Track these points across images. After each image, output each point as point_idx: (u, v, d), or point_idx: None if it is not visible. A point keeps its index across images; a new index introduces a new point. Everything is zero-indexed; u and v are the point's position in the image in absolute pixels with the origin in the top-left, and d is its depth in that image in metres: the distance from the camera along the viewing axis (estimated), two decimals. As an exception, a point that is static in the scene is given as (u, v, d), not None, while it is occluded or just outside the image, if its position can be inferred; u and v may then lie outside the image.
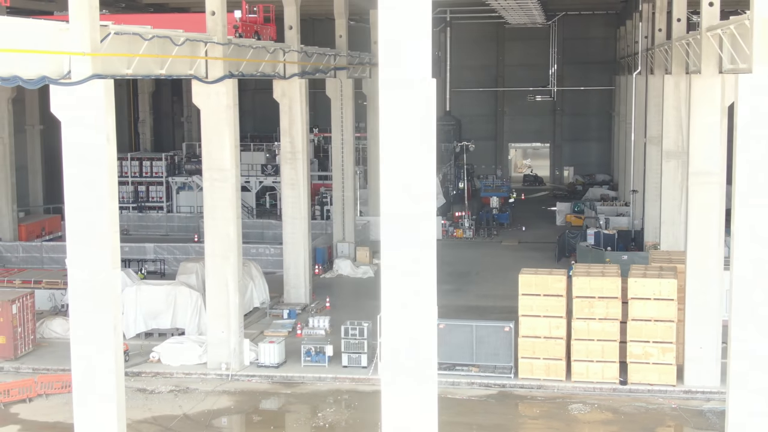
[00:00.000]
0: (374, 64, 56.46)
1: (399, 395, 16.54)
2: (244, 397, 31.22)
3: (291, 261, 41.89)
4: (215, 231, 32.71)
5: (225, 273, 32.75)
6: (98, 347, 23.65)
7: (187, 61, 30.10)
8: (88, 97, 23.05)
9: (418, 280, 16.36)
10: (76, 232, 23.48)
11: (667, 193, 39.06)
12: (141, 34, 25.98)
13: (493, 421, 29.20)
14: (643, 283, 30.56)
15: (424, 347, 16.56)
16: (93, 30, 23.17)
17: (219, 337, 32.93)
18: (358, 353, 33.14)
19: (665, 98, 38.43)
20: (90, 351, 23.70)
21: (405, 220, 16.23)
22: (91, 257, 23.52)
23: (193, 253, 48.96)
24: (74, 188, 23.40)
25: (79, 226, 23.45)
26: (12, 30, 21.13)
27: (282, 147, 41.80)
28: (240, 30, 35.55)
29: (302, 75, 40.99)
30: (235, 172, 32.65)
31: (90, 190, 23.34)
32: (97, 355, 23.68)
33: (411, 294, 16.43)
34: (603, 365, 30.98)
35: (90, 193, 23.35)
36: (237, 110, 32.79)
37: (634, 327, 30.74)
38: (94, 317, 23.59)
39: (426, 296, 16.46)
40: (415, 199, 16.24)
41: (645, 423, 28.75)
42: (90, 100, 23.13)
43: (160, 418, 29.24)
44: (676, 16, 38.40)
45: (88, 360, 23.74)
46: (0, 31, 20.65)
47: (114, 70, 24.62)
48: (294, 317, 39.32)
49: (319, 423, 28.88)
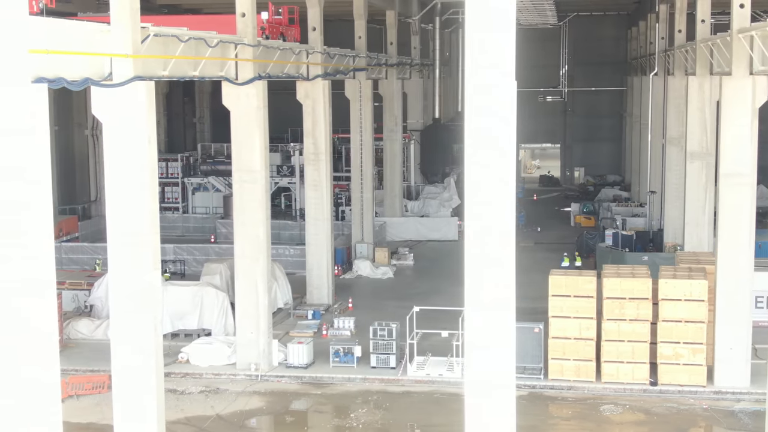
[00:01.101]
0: (390, 65, 56.59)
1: (482, 396, 16.55)
2: (275, 397, 31.29)
3: (314, 262, 41.96)
4: (245, 232, 32.76)
5: (254, 274, 32.81)
6: (139, 347, 23.76)
7: (218, 63, 30.18)
8: (129, 98, 23.16)
9: (502, 276, 16.24)
10: (117, 233, 23.56)
11: (691, 194, 39.14)
12: (178, 35, 26.09)
13: (527, 422, 29.19)
14: (674, 284, 30.63)
15: (505, 347, 16.52)
16: (134, 32, 23.27)
17: (248, 337, 32.99)
18: (386, 354, 33.19)
19: (689, 99, 38.50)
20: (130, 351, 23.80)
21: (490, 219, 16.08)
22: (133, 258, 23.63)
23: (213, 254, 49.03)
24: (116, 189, 23.49)
25: (120, 227, 23.54)
26: (58, 32, 21.17)
27: (305, 148, 41.86)
28: (267, 32, 35.61)
29: (325, 76, 41.07)
30: (265, 173, 32.72)
31: (131, 191, 23.44)
32: (138, 356, 23.78)
33: (494, 294, 16.32)
34: (633, 366, 31.04)
35: (131, 194, 23.45)
36: (266, 112, 32.85)
37: (664, 328, 30.80)
38: (135, 318, 23.69)
39: (509, 296, 16.39)
40: (501, 194, 16.12)
41: (678, 424, 28.84)
42: (131, 101, 23.25)
43: (193, 419, 29.32)
44: (701, 17, 38.47)
45: (128, 360, 23.84)
46: (47, 33, 20.72)
47: (152, 72, 24.71)
48: (318, 318, 39.38)
49: (352, 424, 28.93)
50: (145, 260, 23.67)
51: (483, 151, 15.64)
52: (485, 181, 15.67)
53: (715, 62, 35.63)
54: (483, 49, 15.14)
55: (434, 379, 32.23)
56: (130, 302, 23.62)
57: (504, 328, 16.31)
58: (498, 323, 16.28)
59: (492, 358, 16.33)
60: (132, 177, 23.40)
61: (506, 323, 16.35)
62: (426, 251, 54.96)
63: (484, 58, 15.22)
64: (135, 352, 23.72)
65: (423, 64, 67.01)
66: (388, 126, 58.12)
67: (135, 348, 23.73)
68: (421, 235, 57.93)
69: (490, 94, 15.56)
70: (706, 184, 38.86)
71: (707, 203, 39.04)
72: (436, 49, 67.86)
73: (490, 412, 16.52)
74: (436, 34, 67.43)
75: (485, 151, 15.67)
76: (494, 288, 16.10)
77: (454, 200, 62.14)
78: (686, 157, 39.58)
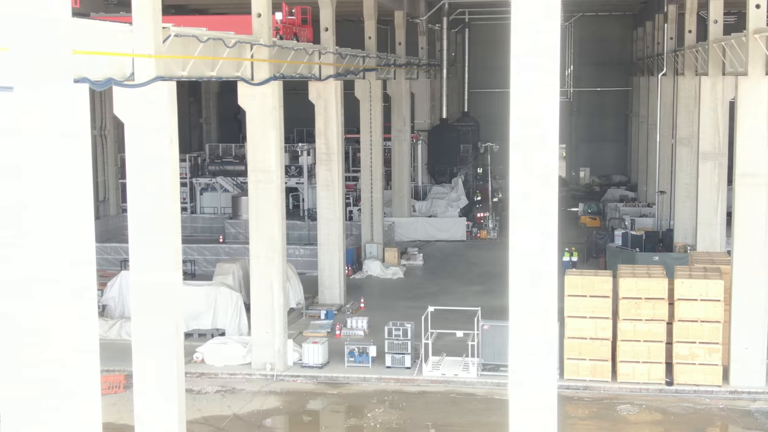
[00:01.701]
0: (399, 65, 56.63)
1: (525, 397, 16.62)
2: (291, 397, 31.33)
3: (326, 262, 42.01)
4: (260, 232, 32.81)
5: (270, 274, 32.85)
6: (161, 348, 23.80)
7: (234, 63, 30.22)
8: (151, 98, 23.21)
9: (544, 276, 16.27)
10: (138, 233, 23.61)
11: (704, 194, 39.18)
12: (198, 36, 26.16)
13: (543, 422, 29.24)
14: (690, 284, 30.69)
15: (547, 348, 16.57)
16: (156, 32, 23.33)
17: (263, 337, 33.03)
18: (401, 354, 33.23)
19: (702, 100, 38.53)
20: (152, 351, 23.85)
21: (534, 217, 16.09)
22: (154, 258, 23.68)
23: (223, 254, 49.06)
24: (137, 190, 23.53)
25: (142, 228, 23.58)
26: (82, 32, 21.21)
27: (317, 148, 41.89)
28: (281, 32, 35.66)
29: (336, 77, 41.13)
30: (280, 173, 32.78)
31: (153, 191, 23.48)
32: (160, 356, 23.83)
33: (537, 295, 16.35)
34: (649, 366, 31.10)
35: (153, 194, 23.49)
36: (282, 112, 32.88)
37: (680, 328, 30.86)
38: (156, 318, 23.73)
39: (550, 298, 16.42)
40: (546, 192, 16.11)
41: (695, 423, 28.89)
42: (153, 101, 23.30)
43: (210, 419, 29.36)
44: (713, 17, 38.55)
45: (149, 360, 23.88)
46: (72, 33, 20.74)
47: (172, 72, 24.76)
48: (331, 318, 39.43)
49: (370, 423, 28.98)
50: (167, 260, 23.74)
51: (531, 155, 15.57)
52: (532, 189, 15.66)
53: (728, 62, 35.68)
54: (529, 50, 15.07)
55: (450, 379, 32.27)
56: (151, 303, 23.66)
57: (547, 334, 16.37)
58: (542, 330, 16.32)
59: (536, 364, 16.40)
60: (154, 177, 23.43)
61: (549, 329, 16.41)
62: (435, 251, 55.00)
63: (530, 60, 15.15)
64: (157, 352, 23.76)
65: (430, 65, 67.04)
66: (397, 126, 58.16)
67: (157, 348, 23.77)
68: (429, 235, 57.96)
69: (535, 95, 15.45)
70: (719, 184, 38.91)
71: (720, 203, 39.08)
72: (443, 49, 67.96)
73: (534, 416, 16.62)
74: (444, 35, 67.52)
75: (533, 155, 15.61)
76: (538, 297, 16.12)
77: (462, 200, 62.20)
78: (698, 158, 39.61)
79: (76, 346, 14.42)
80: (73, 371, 14.48)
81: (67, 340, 14.26)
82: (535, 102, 15.59)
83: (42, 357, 14.09)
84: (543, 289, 16.13)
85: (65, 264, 13.87)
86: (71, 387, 14.41)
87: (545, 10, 15.25)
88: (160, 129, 23.39)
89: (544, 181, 15.85)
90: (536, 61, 15.33)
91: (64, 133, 12.94)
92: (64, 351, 14.22)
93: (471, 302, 39.97)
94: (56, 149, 12.84)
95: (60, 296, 14.02)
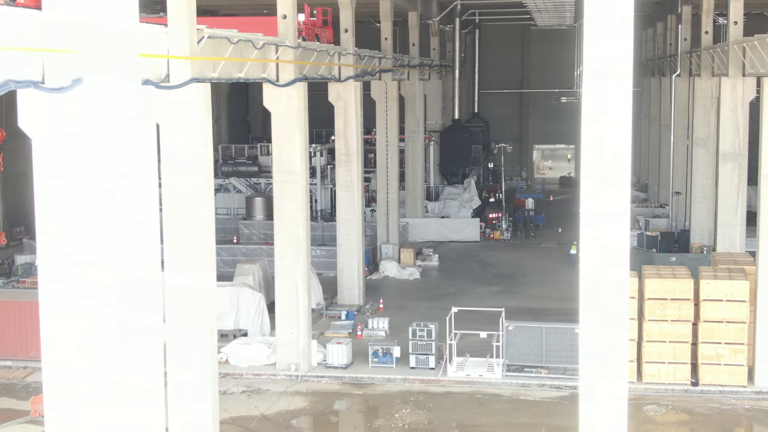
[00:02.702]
0: (413, 66, 56.70)
1: (597, 399, 16.76)
2: (317, 397, 31.40)
3: (345, 262, 42.07)
4: (285, 233, 32.89)
5: (294, 275, 32.94)
6: (195, 348, 23.86)
7: (260, 65, 30.29)
8: (187, 100, 23.27)
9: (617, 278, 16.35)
10: (173, 234, 23.67)
11: (724, 195, 39.23)
12: (229, 37, 26.24)
13: (571, 423, 29.14)
14: (716, 285, 30.75)
15: (620, 352, 16.70)
16: (191, 33, 23.40)
17: (288, 338, 33.10)
18: (426, 354, 33.29)
19: (722, 101, 38.59)
20: (186, 352, 23.91)
21: (606, 217, 16.19)
22: (189, 260, 23.74)
23: (239, 254, 49.14)
24: (173, 191, 23.59)
25: (176, 229, 23.65)
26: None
27: (336, 149, 41.95)
28: (303, 33, 35.72)
29: (355, 78, 41.21)
30: (305, 174, 32.85)
31: (188, 193, 23.55)
32: (194, 357, 23.89)
33: (609, 297, 16.45)
34: (674, 367, 31.16)
35: (188, 196, 23.55)
36: (306, 113, 32.96)
37: (705, 328, 30.92)
38: (190, 320, 23.79)
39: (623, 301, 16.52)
40: (617, 192, 16.19)
41: (722, 423, 28.97)
42: (189, 103, 23.36)
43: (238, 419, 29.43)
44: (733, 18, 38.62)
45: (183, 361, 23.94)
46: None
47: (204, 74, 24.82)
48: (352, 318, 39.51)
49: (398, 424, 29.03)
50: (202, 262, 23.79)
51: (601, 157, 15.65)
52: (602, 191, 15.75)
53: (748, 63, 35.76)
54: (601, 55, 15.14)
55: (474, 379, 32.33)
56: (185, 304, 23.72)
57: (619, 341, 16.49)
58: (612, 338, 16.45)
59: (606, 370, 16.55)
60: (189, 178, 23.50)
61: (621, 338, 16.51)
62: (449, 252, 55.06)
63: (603, 66, 15.22)
64: (191, 353, 23.82)
65: (442, 65, 67.13)
66: (410, 127, 58.24)
67: (191, 349, 23.83)
68: (443, 236, 58.02)
69: (607, 101, 15.52)
70: (739, 185, 38.97)
71: (740, 204, 39.14)
72: (455, 50, 68.06)
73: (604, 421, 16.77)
74: (456, 35, 67.63)
75: (603, 157, 15.69)
76: (609, 305, 16.25)
77: (475, 201, 62.31)
78: (718, 158, 39.68)
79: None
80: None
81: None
82: (606, 103, 15.60)
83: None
84: (615, 296, 16.26)
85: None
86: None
87: (619, 11, 15.32)
88: (196, 130, 23.46)
89: (614, 181, 15.93)
90: (608, 66, 15.35)
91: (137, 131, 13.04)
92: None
93: (489, 303, 40.05)
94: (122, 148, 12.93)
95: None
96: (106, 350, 15.14)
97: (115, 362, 15.35)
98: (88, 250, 14.51)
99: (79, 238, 14.52)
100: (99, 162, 13.32)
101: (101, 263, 14.62)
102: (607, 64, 15.27)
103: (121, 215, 13.96)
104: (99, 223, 14.18)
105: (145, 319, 15.58)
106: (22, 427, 29.12)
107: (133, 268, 15.20)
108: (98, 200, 14.33)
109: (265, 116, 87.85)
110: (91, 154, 13.15)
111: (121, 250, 14.58)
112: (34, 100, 14.65)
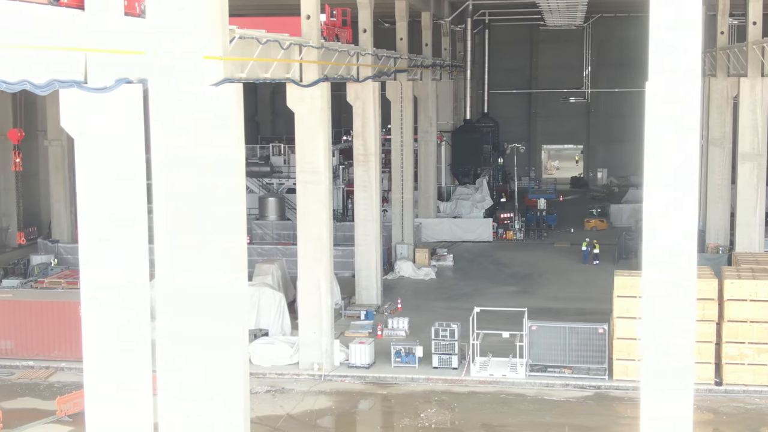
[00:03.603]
0: (426, 66, 56.75)
1: (660, 400, 16.84)
2: (341, 397, 31.46)
3: (363, 262, 42.12)
4: (308, 233, 32.93)
5: (317, 275, 32.99)
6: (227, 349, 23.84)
7: (284, 65, 30.33)
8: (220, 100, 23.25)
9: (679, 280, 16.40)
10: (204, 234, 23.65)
11: (743, 195, 39.32)
12: (258, 38, 26.29)
13: (597, 423, 29.44)
14: (740, 285, 30.83)
15: (685, 351, 16.77)
16: (224, 33, 23.41)
17: (311, 337, 33.16)
18: (448, 354, 33.35)
19: (741, 101, 38.68)
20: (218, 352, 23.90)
21: (667, 219, 16.26)
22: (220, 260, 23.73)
23: (255, 254, 49.09)
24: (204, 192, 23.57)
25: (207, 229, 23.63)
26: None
27: (354, 149, 42.01)
28: (324, 34, 35.74)
29: (372, 78, 41.26)
30: (329, 174, 32.90)
31: (221, 194, 23.54)
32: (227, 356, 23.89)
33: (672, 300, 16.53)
34: (698, 366, 31.14)
35: (221, 196, 23.55)
36: (329, 113, 33.01)
37: (729, 328, 31.00)
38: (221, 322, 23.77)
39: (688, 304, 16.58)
40: (678, 195, 16.26)
41: (748, 423, 29.04)
42: (222, 103, 23.34)
43: (264, 418, 29.48)
44: (752, 19, 38.72)
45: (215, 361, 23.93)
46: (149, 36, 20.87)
47: (233, 74, 24.83)
48: (372, 318, 39.57)
49: (424, 423, 29.08)
50: (234, 261, 23.78)
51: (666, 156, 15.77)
52: (665, 186, 15.88)
53: (767, 63, 35.86)
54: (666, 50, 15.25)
55: (498, 379, 32.39)
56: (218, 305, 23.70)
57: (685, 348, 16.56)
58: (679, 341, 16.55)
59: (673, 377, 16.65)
60: (221, 179, 23.49)
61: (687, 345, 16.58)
62: (463, 252, 55.09)
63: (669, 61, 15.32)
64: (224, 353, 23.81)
65: (453, 66, 67.19)
66: (423, 127, 58.28)
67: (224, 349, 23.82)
68: (455, 236, 58.06)
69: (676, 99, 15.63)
70: (758, 185, 39.06)
71: (759, 204, 39.23)
72: (467, 50, 68.13)
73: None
74: (467, 35, 67.72)
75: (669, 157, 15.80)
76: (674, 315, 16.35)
77: (487, 201, 62.38)
78: (737, 159, 39.76)
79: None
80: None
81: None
82: (677, 103, 15.69)
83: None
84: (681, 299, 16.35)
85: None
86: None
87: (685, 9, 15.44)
88: (229, 130, 23.46)
89: (683, 181, 16.06)
90: (674, 63, 15.46)
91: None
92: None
93: (506, 303, 40.06)
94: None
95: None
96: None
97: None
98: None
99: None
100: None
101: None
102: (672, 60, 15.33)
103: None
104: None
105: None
106: (48, 427, 29.18)
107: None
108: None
109: (275, 116, 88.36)
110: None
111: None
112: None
